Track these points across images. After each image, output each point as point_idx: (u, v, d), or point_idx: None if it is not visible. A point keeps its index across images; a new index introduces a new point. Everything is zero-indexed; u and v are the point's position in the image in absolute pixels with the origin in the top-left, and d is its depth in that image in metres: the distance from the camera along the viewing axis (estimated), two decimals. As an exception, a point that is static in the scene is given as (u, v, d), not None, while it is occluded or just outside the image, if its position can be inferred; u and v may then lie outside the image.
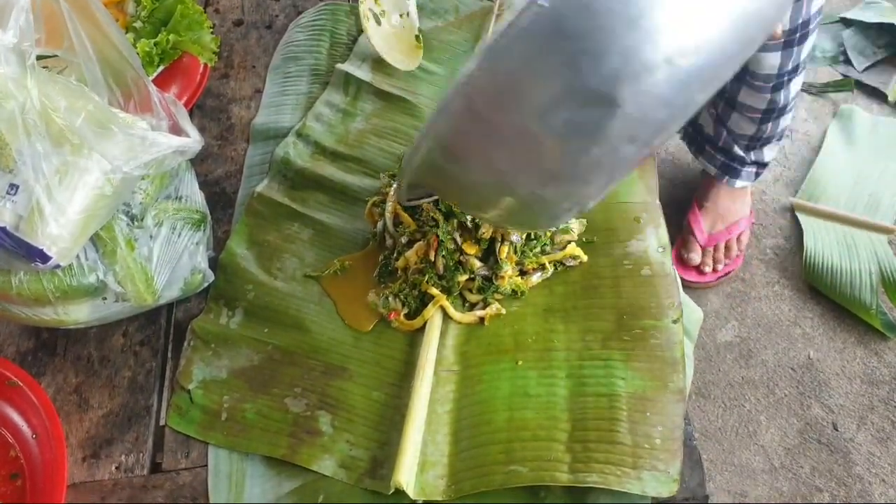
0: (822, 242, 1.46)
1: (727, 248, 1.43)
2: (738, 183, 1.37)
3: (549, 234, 0.81)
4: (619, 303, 0.76)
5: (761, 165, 1.34)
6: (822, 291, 1.42)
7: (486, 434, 0.69)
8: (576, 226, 0.82)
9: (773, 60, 1.09)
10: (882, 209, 1.50)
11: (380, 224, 0.84)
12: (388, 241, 0.83)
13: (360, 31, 1.08)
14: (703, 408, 1.33)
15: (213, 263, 0.85)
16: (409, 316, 0.79)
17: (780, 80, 1.12)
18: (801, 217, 1.51)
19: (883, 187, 1.53)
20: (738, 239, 1.44)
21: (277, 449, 0.72)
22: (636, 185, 0.84)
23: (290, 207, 0.90)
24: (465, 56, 1.06)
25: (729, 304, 1.43)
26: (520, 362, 0.74)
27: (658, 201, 0.82)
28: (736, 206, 1.43)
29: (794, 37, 1.05)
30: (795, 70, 1.12)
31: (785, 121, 1.23)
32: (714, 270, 1.43)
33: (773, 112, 1.19)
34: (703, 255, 1.43)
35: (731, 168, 1.35)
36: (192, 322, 0.82)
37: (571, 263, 0.81)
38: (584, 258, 0.80)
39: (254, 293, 0.83)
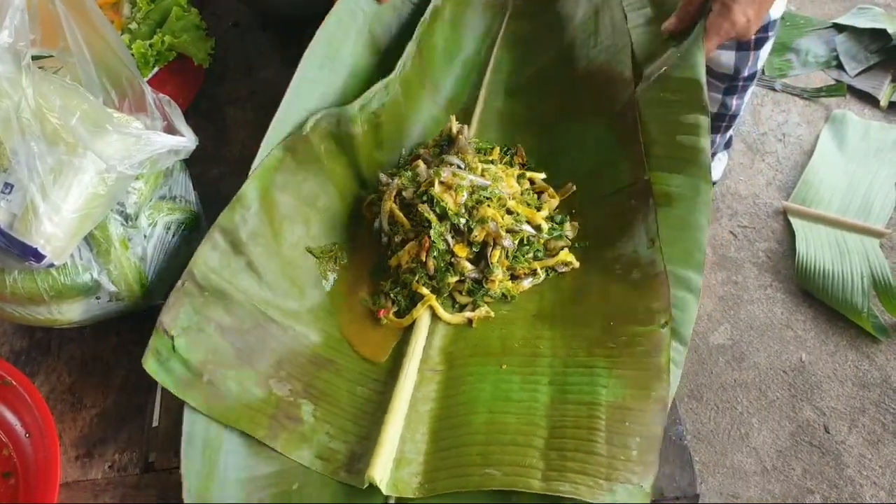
0: (815, 246, 1.47)
1: None
2: None
3: (541, 240, 0.81)
4: (608, 309, 0.74)
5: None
6: (814, 294, 1.43)
7: (464, 435, 0.69)
8: (569, 231, 0.82)
9: (728, 60, 1.08)
10: (874, 213, 1.51)
11: (377, 222, 0.84)
12: (384, 239, 0.83)
13: None
14: (696, 410, 1.33)
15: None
16: (399, 314, 0.80)
17: (734, 84, 1.11)
18: (794, 220, 1.52)
19: (874, 191, 1.54)
20: None
21: (258, 429, 0.70)
22: (621, 165, 0.82)
23: (321, 164, 0.85)
24: (481, 46, 1.04)
25: (722, 306, 1.44)
26: (504, 366, 0.73)
27: (647, 177, 0.78)
28: None
29: (749, 39, 1.04)
30: (751, 78, 1.11)
31: (728, 133, 1.22)
32: None
33: (724, 119, 1.18)
34: None
35: None
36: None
37: (563, 270, 0.81)
38: (577, 264, 0.80)
39: (260, 248, 0.79)
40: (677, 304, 0.71)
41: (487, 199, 0.79)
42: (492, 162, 0.85)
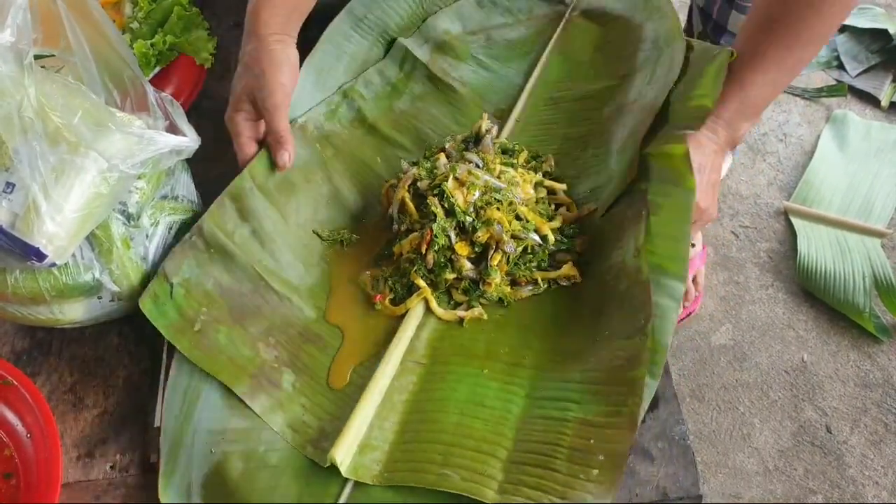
0: (816, 246, 1.47)
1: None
2: None
3: (546, 251, 0.80)
4: (596, 323, 0.72)
5: None
6: (815, 295, 1.43)
7: (431, 432, 0.69)
8: (579, 245, 0.81)
9: None
10: (875, 213, 1.51)
11: (390, 208, 0.84)
12: (395, 227, 0.84)
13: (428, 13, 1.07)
14: (698, 410, 1.33)
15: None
16: (394, 302, 0.80)
17: None
18: (795, 220, 1.52)
19: (875, 191, 1.54)
20: (695, 280, 1.41)
21: (239, 384, 0.72)
22: (619, 176, 0.80)
23: (319, 155, 0.90)
24: (527, 57, 1.04)
25: (723, 307, 1.44)
26: (485, 371, 0.73)
27: (645, 187, 0.76)
28: None
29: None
30: None
31: None
32: None
33: None
34: None
35: None
36: (202, 217, 0.80)
37: (565, 283, 0.79)
38: (579, 278, 0.79)
39: (267, 221, 0.82)
40: (657, 312, 0.68)
41: (498, 201, 0.79)
42: (512, 165, 0.84)
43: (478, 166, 0.82)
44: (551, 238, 0.80)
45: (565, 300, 0.78)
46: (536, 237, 0.79)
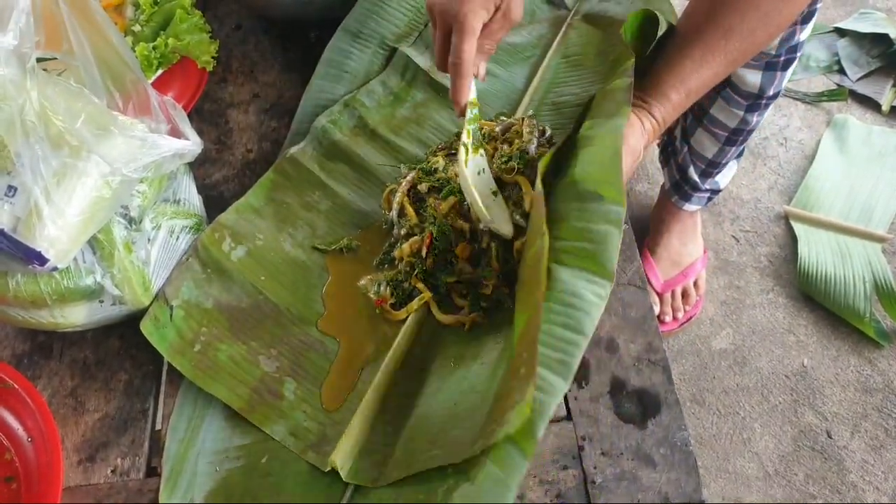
0: (816, 250, 1.47)
1: (685, 294, 1.41)
2: (688, 206, 1.36)
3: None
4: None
5: (715, 192, 1.34)
6: (816, 299, 1.43)
7: (423, 426, 0.70)
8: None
9: (754, 79, 1.07)
10: (875, 217, 1.51)
11: (391, 213, 0.84)
12: (395, 231, 0.84)
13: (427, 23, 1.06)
14: (698, 415, 1.33)
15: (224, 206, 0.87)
16: (395, 307, 0.80)
17: (757, 102, 1.10)
18: (796, 225, 1.52)
19: (876, 196, 1.54)
20: (696, 284, 1.42)
21: (237, 399, 0.73)
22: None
23: (317, 176, 0.91)
24: (529, 61, 1.04)
25: (724, 311, 1.44)
26: (482, 363, 0.73)
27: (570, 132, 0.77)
28: (687, 249, 1.41)
29: (778, 60, 1.03)
30: (775, 97, 1.10)
31: (742, 146, 1.22)
32: (674, 319, 1.41)
33: (741, 134, 1.17)
34: (662, 303, 1.41)
35: (681, 189, 1.33)
36: (197, 238, 0.82)
37: None
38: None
39: (262, 242, 0.84)
40: (598, 239, 0.66)
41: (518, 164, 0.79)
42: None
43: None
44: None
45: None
46: (521, 220, 0.77)
